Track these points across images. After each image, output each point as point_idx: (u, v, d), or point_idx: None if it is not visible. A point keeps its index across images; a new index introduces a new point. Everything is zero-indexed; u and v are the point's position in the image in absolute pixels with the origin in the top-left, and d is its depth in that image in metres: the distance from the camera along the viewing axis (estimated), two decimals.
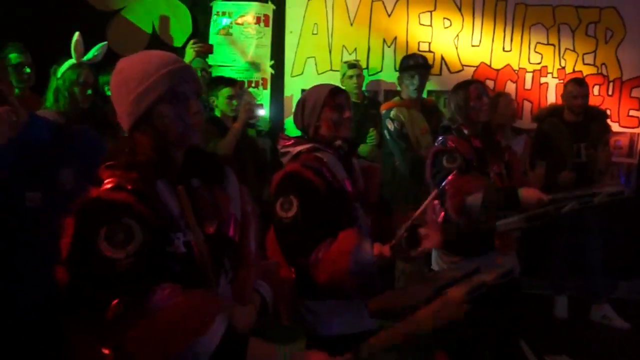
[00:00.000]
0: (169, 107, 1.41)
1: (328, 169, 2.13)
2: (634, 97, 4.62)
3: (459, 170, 2.84)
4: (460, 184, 2.82)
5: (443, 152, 2.93)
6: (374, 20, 4.48)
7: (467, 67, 4.53)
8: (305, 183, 2.10)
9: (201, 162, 1.53)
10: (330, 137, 2.21)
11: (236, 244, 1.52)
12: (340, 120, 2.20)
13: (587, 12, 4.52)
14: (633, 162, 4.67)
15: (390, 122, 3.80)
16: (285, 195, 2.10)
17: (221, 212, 1.50)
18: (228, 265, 1.49)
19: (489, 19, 4.51)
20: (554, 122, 4.17)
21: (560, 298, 4.31)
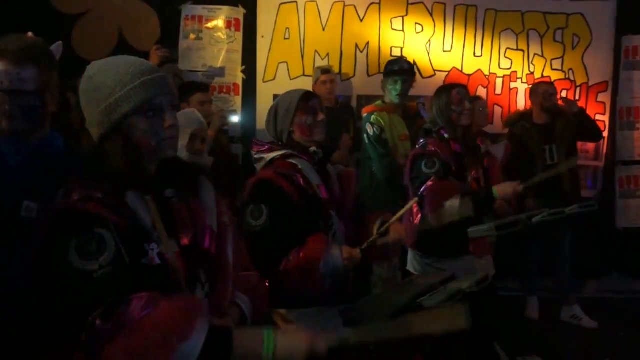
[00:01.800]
0: (142, 120, 1.35)
1: (302, 176, 2.10)
2: (600, 101, 4.72)
3: (437, 175, 2.85)
4: (438, 189, 2.83)
5: (422, 156, 2.93)
6: (346, 25, 4.47)
7: (439, 72, 4.55)
8: (276, 191, 2.07)
9: (176, 172, 1.47)
10: (305, 141, 2.18)
11: (212, 255, 1.47)
12: (314, 123, 2.17)
13: (555, 18, 4.61)
14: (599, 165, 4.77)
15: (370, 126, 3.77)
16: (256, 203, 2.08)
17: (197, 222, 1.45)
18: (204, 278, 1.44)
19: (460, 25, 4.55)
20: (524, 126, 4.23)
21: (531, 299, 4.37)
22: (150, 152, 1.38)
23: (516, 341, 3.76)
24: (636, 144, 4.79)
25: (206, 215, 1.47)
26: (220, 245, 1.49)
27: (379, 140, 3.73)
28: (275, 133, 2.22)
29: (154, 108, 1.37)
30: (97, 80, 1.37)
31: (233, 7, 4.41)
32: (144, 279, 1.28)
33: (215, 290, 1.46)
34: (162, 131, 1.37)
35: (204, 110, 3.59)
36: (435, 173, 2.86)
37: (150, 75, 1.37)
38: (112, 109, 1.34)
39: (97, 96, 1.36)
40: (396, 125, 3.79)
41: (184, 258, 1.37)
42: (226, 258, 1.50)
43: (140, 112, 1.35)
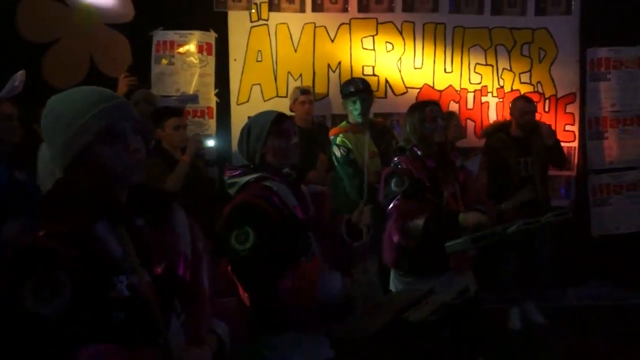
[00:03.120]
0: (105, 147, 1.34)
1: (278, 198, 2.09)
2: (568, 112, 4.83)
3: (404, 194, 2.87)
4: (403, 209, 2.85)
5: (393, 174, 2.96)
6: (317, 46, 4.51)
7: (411, 89, 4.61)
8: (259, 213, 2.05)
9: (146, 200, 1.44)
10: (278, 164, 2.17)
11: (187, 283, 1.44)
12: (287, 147, 2.17)
13: (520, 33, 4.72)
14: (571, 175, 4.85)
15: (337, 148, 3.81)
16: (239, 227, 2.04)
17: (170, 250, 1.42)
18: (179, 307, 1.41)
19: (429, 42, 4.63)
20: (501, 137, 4.31)
21: (513, 310, 4.40)
22: (117, 179, 1.35)
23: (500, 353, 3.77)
24: (605, 153, 4.90)
25: (179, 242, 1.45)
26: (195, 272, 1.46)
27: (347, 161, 3.77)
28: (247, 155, 2.20)
29: (117, 134, 1.35)
30: (56, 113, 1.36)
31: (204, 31, 4.42)
32: (111, 314, 1.25)
33: (191, 319, 1.43)
34: (127, 157, 1.35)
35: (179, 135, 3.58)
36: (403, 192, 2.88)
37: (108, 102, 1.36)
38: (73, 140, 1.33)
39: (57, 128, 1.34)
40: (363, 143, 3.82)
41: (157, 288, 1.35)
42: (201, 285, 1.47)
43: (102, 140, 1.33)
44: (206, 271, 1.52)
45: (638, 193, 4.92)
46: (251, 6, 4.43)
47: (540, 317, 4.38)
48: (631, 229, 4.88)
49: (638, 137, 4.90)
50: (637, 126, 4.90)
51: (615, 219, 4.88)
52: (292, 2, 4.47)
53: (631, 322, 4.42)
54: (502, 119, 4.67)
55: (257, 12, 4.44)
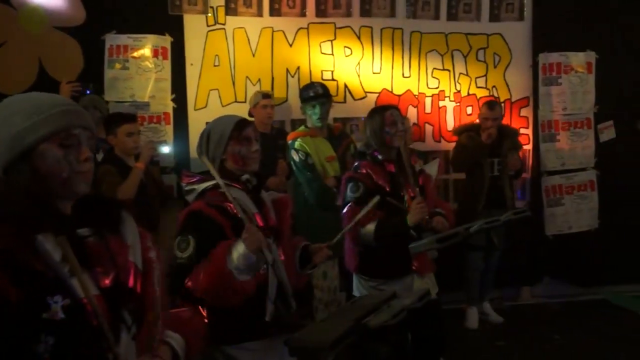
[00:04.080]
0: (56, 148, 1.25)
1: (235, 206, 2.05)
2: (522, 116, 4.95)
3: (358, 200, 2.88)
4: (352, 215, 2.85)
5: (351, 179, 2.97)
6: (275, 51, 4.47)
7: (370, 94, 4.63)
8: (205, 222, 2.02)
9: (93, 209, 1.37)
10: (237, 171, 2.13)
11: (138, 294, 1.39)
12: (247, 154, 2.14)
13: (476, 38, 4.81)
14: (526, 177, 4.97)
15: (295, 152, 3.79)
16: (183, 234, 2.02)
17: (118, 261, 1.36)
18: (130, 319, 1.35)
19: (387, 47, 4.66)
20: (472, 136, 4.38)
21: (471, 310, 4.47)
22: (60, 185, 1.26)
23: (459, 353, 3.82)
24: (558, 155, 5.05)
25: (128, 252, 1.39)
26: (146, 283, 1.41)
27: (305, 165, 3.75)
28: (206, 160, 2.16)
29: (71, 138, 1.27)
30: (11, 109, 1.27)
31: (159, 35, 4.31)
32: (44, 337, 1.16)
33: (143, 331, 1.37)
34: (76, 163, 1.27)
35: (132, 141, 3.49)
36: (357, 198, 2.88)
37: (67, 106, 1.30)
38: (25, 134, 1.24)
39: (9, 122, 1.25)
40: (321, 148, 3.82)
41: (105, 300, 1.29)
42: (153, 296, 1.42)
43: (53, 140, 1.25)
44: (158, 281, 1.46)
45: (588, 193, 5.09)
46: (207, 10, 4.35)
47: (496, 316, 4.48)
48: (582, 228, 5.05)
49: (588, 140, 5.07)
50: (586, 129, 5.07)
51: (568, 218, 5.04)
52: (250, 6, 4.42)
53: (583, 317, 4.57)
54: (459, 123, 4.74)
55: (213, 16, 4.37)
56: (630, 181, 4.97)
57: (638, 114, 5.10)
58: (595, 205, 5.09)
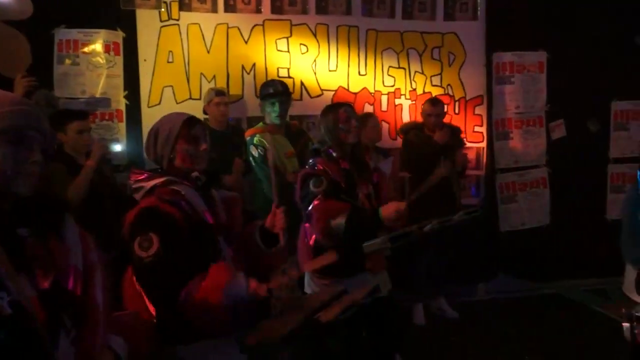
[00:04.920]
0: (5, 144, 1.22)
1: (186, 202, 2.02)
2: (477, 114, 5.03)
3: (325, 194, 2.87)
4: (325, 207, 2.85)
5: (311, 175, 2.94)
6: (231, 47, 4.42)
7: (327, 92, 4.63)
8: (164, 217, 1.96)
9: (33, 208, 1.33)
10: (186, 169, 2.10)
11: (78, 297, 1.34)
12: (196, 153, 2.10)
13: (431, 37, 4.86)
14: (480, 174, 5.06)
15: (255, 148, 3.76)
16: (143, 233, 1.94)
17: (58, 263, 1.32)
18: (69, 323, 1.31)
19: (343, 45, 4.66)
20: (417, 133, 4.43)
21: (417, 306, 4.51)
22: (1, 183, 1.24)
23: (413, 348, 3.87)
24: (511, 153, 5.16)
25: (69, 254, 1.35)
26: (87, 286, 1.37)
27: (264, 160, 3.72)
28: (154, 157, 2.12)
29: (23, 138, 1.25)
30: None
31: (111, 30, 4.22)
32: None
33: (83, 335, 1.33)
34: (24, 164, 1.24)
35: (83, 139, 3.40)
36: (323, 191, 2.88)
37: (25, 106, 1.27)
38: None
39: None
40: (280, 144, 3.81)
41: (43, 303, 1.24)
42: (94, 299, 1.38)
43: (4, 138, 1.22)
44: (100, 284, 1.42)
45: (540, 190, 5.22)
46: (160, 5, 4.27)
47: (452, 312, 4.54)
48: (534, 224, 5.18)
49: (540, 137, 5.20)
50: (539, 127, 5.20)
51: (521, 215, 5.16)
52: (204, 2, 4.36)
53: (536, 312, 4.68)
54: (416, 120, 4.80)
55: (167, 11, 4.29)
56: (580, 178, 5.13)
57: (588, 113, 5.26)
58: (547, 202, 5.23)
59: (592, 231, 5.08)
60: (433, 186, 4.06)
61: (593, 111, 5.27)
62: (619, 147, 5.33)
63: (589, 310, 4.66)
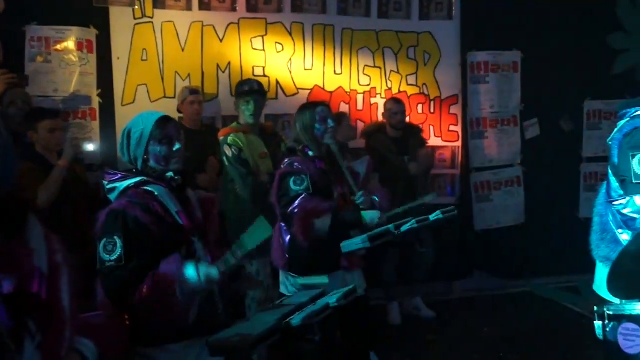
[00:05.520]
0: None
1: (159, 204, 2.00)
2: (452, 113, 5.07)
3: (307, 192, 2.86)
4: (310, 207, 2.84)
5: (290, 174, 2.93)
6: (206, 46, 4.38)
7: (302, 90, 4.62)
8: (131, 221, 1.96)
9: None
10: (160, 170, 2.08)
11: (43, 301, 1.31)
12: (169, 153, 2.09)
13: (406, 36, 4.88)
14: (456, 173, 5.10)
15: (228, 147, 3.74)
16: (109, 235, 1.95)
17: (20, 266, 1.29)
18: (34, 327, 1.28)
19: (319, 44, 4.66)
20: (380, 138, 4.45)
21: (392, 306, 4.53)
22: None
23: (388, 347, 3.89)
24: (486, 152, 5.21)
25: (33, 256, 1.32)
26: (52, 289, 1.34)
27: (239, 160, 3.71)
28: (129, 158, 2.12)
29: None
30: None
31: (84, 27, 4.15)
32: None
33: (49, 340, 1.30)
34: None
35: (55, 138, 3.36)
36: (305, 190, 2.87)
37: None
38: None
39: None
40: (254, 144, 3.79)
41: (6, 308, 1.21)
42: (60, 302, 1.35)
43: None
44: (67, 286, 1.39)
45: (515, 189, 5.28)
46: (134, 2, 4.22)
47: (428, 311, 4.56)
48: (509, 223, 5.23)
49: (514, 137, 5.25)
50: (513, 126, 5.26)
51: (496, 213, 5.21)
52: (178, 0, 4.32)
53: (510, 309, 4.74)
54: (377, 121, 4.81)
55: (140, 8, 4.24)
56: (554, 177, 5.20)
57: (562, 112, 5.34)
58: (521, 201, 5.29)
59: (565, 229, 5.14)
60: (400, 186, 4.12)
61: (566, 111, 5.34)
62: (592, 146, 5.41)
63: (562, 308, 4.73)
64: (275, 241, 3.08)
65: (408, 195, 4.13)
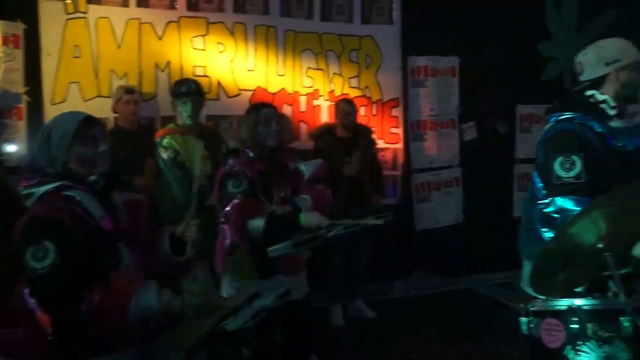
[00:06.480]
0: None
1: (82, 208, 1.90)
2: (393, 116, 5.14)
3: (244, 194, 2.82)
4: (244, 208, 2.80)
5: (230, 175, 2.89)
6: (143, 44, 4.25)
7: (244, 92, 4.55)
8: (58, 225, 1.84)
9: None
10: (83, 173, 1.98)
11: None
12: (94, 155, 1.97)
13: (348, 40, 4.91)
14: (397, 174, 5.18)
15: (164, 150, 3.66)
16: (36, 242, 1.82)
17: None
18: None
19: (261, 45, 4.61)
20: (327, 140, 4.46)
21: (335, 307, 4.54)
22: None
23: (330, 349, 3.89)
24: (426, 153, 5.32)
25: None
26: None
27: (174, 163, 3.63)
28: (48, 159, 1.96)
29: None
30: None
31: (10, 21, 3.92)
32: None
33: None
34: None
35: None
36: (242, 192, 2.84)
37: None
38: None
39: None
40: (192, 146, 3.72)
41: None
42: None
43: None
44: None
45: (453, 189, 5.42)
46: None
47: (369, 311, 4.60)
48: (449, 222, 5.36)
49: (452, 139, 5.40)
50: (451, 129, 5.40)
51: (435, 214, 5.32)
52: None
53: (450, 307, 4.84)
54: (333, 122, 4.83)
55: (73, 3, 4.05)
56: (491, 177, 5.36)
57: (498, 115, 5.52)
58: (460, 201, 5.44)
59: (501, 228, 5.30)
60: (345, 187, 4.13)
61: (501, 114, 5.53)
62: (524, 149, 5.62)
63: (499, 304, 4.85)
64: (218, 243, 3.02)
65: (353, 197, 4.16)
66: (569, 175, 2.15)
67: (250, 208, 2.83)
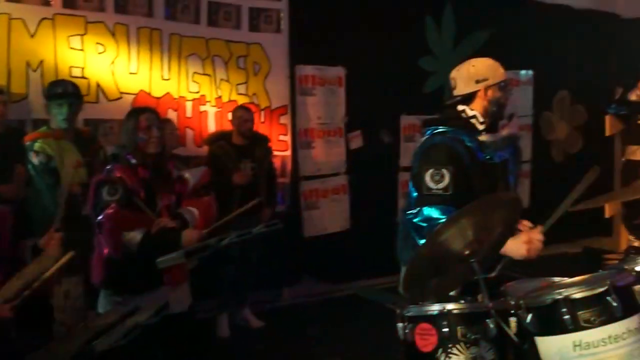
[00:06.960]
0: None
1: None
2: (282, 123, 5.18)
3: (119, 203, 2.70)
4: (118, 218, 2.69)
5: (105, 182, 2.76)
6: (13, 41, 3.93)
7: (126, 95, 4.36)
8: None
9: None
10: None
11: None
12: None
13: (236, 46, 4.88)
14: (286, 181, 5.21)
15: (35, 155, 3.41)
16: None
17: None
18: None
19: (145, 47, 4.45)
20: (222, 145, 4.40)
21: (222, 318, 4.47)
22: None
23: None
24: (314, 161, 5.41)
25: None
26: None
27: (46, 169, 3.40)
28: None
29: None
30: None
31: None
32: None
33: None
34: None
35: None
36: (117, 200, 2.71)
37: None
38: None
39: None
40: (67, 152, 3.51)
41: None
42: None
43: None
44: None
45: (341, 197, 5.55)
46: None
47: (257, 321, 4.58)
48: (336, 229, 5.48)
49: (339, 147, 5.53)
50: (339, 137, 5.53)
51: (323, 220, 5.42)
52: None
53: (337, 313, 4.94)
54: (221, 128, 4.76)
55: None
56: (376, 185, 5.56)
57: (382, 125, 5.73)
58: (346, 208, 5.58)
59: (386, 233, 5.49)
60: (237, 198, 4.09)
61: (385, 124, 5.76)
62: (407, 157, 5.87)
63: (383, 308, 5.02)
64: (95, 256, 2.87)
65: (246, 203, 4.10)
66: (438, 187, 2.29)
67: (125, 219, 2.72)
